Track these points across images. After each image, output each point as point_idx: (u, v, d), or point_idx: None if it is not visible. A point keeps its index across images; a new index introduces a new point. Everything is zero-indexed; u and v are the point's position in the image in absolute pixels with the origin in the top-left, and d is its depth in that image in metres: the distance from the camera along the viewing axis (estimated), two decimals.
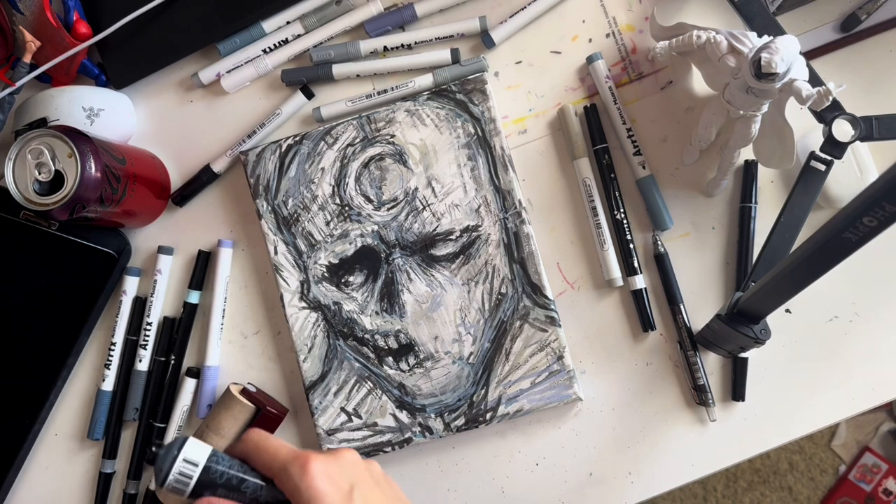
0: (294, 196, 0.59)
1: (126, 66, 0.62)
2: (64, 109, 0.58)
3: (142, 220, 0.61)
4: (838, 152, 0.51)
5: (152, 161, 0.61)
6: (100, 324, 0.61)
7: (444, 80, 0.59)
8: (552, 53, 0.60)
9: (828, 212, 0.56)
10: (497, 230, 0.57)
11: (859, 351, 0.56)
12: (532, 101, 0.60)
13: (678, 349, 0.57)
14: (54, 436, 0.61)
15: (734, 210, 0.57)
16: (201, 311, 0.61)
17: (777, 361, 0.56)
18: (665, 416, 0.57)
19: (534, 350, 0.56)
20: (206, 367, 0.59)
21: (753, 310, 0.47)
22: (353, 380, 0.57)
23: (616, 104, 0.58)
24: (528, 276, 0.57)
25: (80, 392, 0.61)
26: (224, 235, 0.61)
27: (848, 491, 1.35)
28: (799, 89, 0.45)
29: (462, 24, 0.59)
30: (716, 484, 1.38)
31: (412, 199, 0.58)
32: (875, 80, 0.57)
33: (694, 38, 0.49)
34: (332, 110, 0.60)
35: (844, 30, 0.57)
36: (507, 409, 0.56)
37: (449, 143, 0.58)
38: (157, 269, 0.60)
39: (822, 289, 0.47)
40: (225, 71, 0.61)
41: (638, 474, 0.57)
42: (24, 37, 0.58)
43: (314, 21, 0.61)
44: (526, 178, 0.59)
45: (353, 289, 0.58)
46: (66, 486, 0.61)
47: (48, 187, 0.52)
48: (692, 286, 0.57)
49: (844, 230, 0.35)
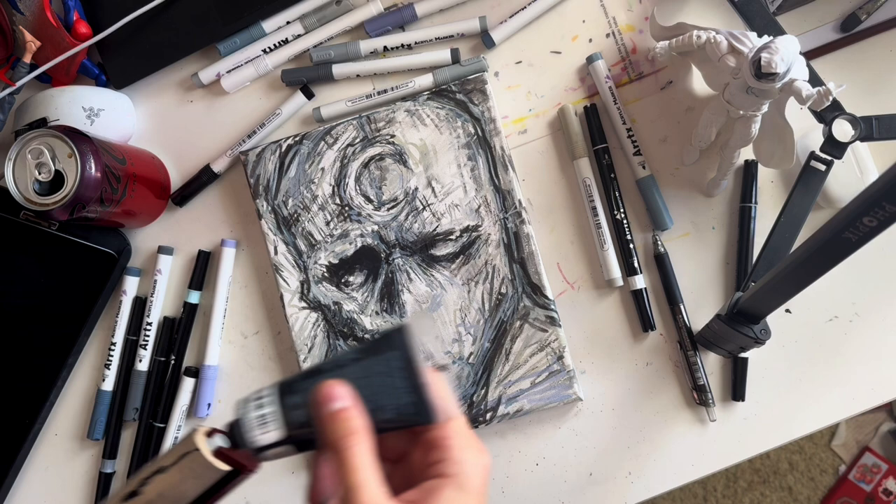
0: (294, 196, 0.59)
1: (126, 66, 0.62)
2: (64, 109, 0.58)
3: (142, 220, 0.61)
4: (838, 152, 0.51)
5: (152, 161, 0.61)
6: (100, 324, 0.61)
7: (444, 80, 0.59)
8: (552, 53, 0.60)
9: (828, 212, 0.56)
10: (497, 230, 0.57)
11: (859, 351, 0.56)
12: (532, 101, 0.60)
13: (678, 349, 0.57)
14: (54, 436, 0.61)
15: (734, 210, 0.57)
16: (201, 311, 0.61)
17: (777, 361, 0.56)
18: (665, 416, 0.57)
19: (534, 350, 0.56)
20: (205, 367, 0.59)
21: (753, 310, 0.47)
22: None
23: (616, 104, 0.58)
24: (528, 276, 0.57)
25: (80, 392, 0.61)
26: (224, 235, 0.61)
27: (848, 491, 1.35)
28: (799, 89, 0.45)
29: (462, 24, 0.59)
30: (716, 484, 1.38)
31: (412, 199, 0.58)
32: (875, 80, 0.57)
33: (694, 38, 0.49)
34: (332, 110, 0.60)
35: (844, 30, 0.57)
36: (507, 409, 0.56)
37: (449, 143, 0.58)
38: (157, 269, 0.60)
39: (822, 289, 0.47)
40: (225, 71, 0.61)
41: (638, 474, 0.57)
42: (24, 37, 0.58)
43: (314, 21, 0.61)
44: (526, 178, 0.59)
45: (353, 289, 0.58)
46: (66, 486, 0.61)
47: (48, 187, 0.52)
48: (692, 286, 0.57)
49: (844, 230, 0.35)
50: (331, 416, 0.32)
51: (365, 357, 0.34)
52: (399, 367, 0.33)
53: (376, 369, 0.33)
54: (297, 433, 0.33)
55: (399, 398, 0.33)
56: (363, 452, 0.32)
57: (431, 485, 0.32)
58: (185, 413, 0.59)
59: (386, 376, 0.33)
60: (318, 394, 0.32)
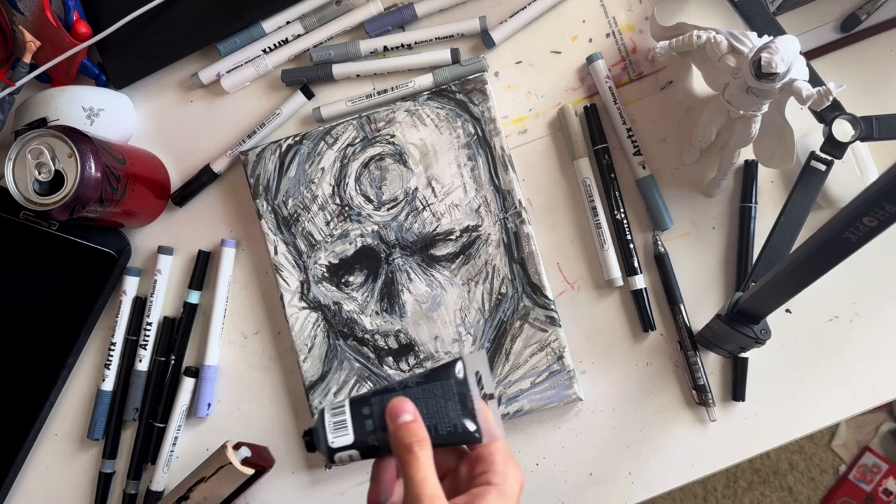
0: (294, 196, 0.59)
1: (126, 66, 0.62)
2: (64, 109, 0.58)
3: (142, 220, 0.61)
4: (838, 152, 0.51)
5: (152, 161, 0.61)
6: (100, 324, 0.61)
7: (444, 80, 0.59)
8: (552, 53, 0.60)
9: (828, 212, 0.56)
10: (497, 230, 0.57)
11: (859, 351, 0.56)
12: (532, 101, 0.60)
13: (678, 349, 0.57)
14: (54, 436, 0.61)
15: (734, 210, 0.57)
16: (201, 311, 0.61)
17: (777, 361, 0.56)
18: (665, 416, 0.57)
19: (534, 350, 0.56)
20: (205, 367, 0.59)
21: (753, 310, 0.47)
22: (353, 380, 0.57)
23: (616, 104, 0.58)
24: (528, 276, 0.57)
25: (80, 392, 0.61)
26: (224, 235, 0.61)
27: (848, 491, 1.35)
28: (799, 89, 0.45)
29: (462, 24, 0.59)
30: (716, 484, 1.38)
31: (412, 199, 0.58)
32: (875, 80, 0.57)
33: (694, 38, 0.49)
34: (332, 110, 0.60)
35: (844, 30, 0.57)
36: (507, 410, 0.56)
37: (449, 143, 0.58)
38: (157, 269, 0.60)
39: (822, 289, 0.47)
40: (225, 71, 0.61)
41: (638, 474, 0.57)
42: (24, 37, 0.58)
43: (314, 21, 0.61)
44: (526, 178, 0.59)
45: (353, 289, 0.58)
46: (66, 486, 0.61)
47: (48, 187, 0.52)
48: (692, 286, 0.57)
49: (844, 230, 0.35)
50: (402, 426, 0.38)
51: (427, 382, 0.40)
52: (456, 393, 0.40)
53: (437, 393, 0.40)
54: (365, 440, 0.39)
55: (454, 419, 0.39)
56: (427, 457, 0.37)
57: (478, 491, 0.38)
58: (185, 413, 0.59)
59: (444, 399, 0.39)
60: (392, 407, 0.39)
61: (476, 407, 0.39)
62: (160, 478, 0.59)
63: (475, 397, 0.39)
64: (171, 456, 0.59)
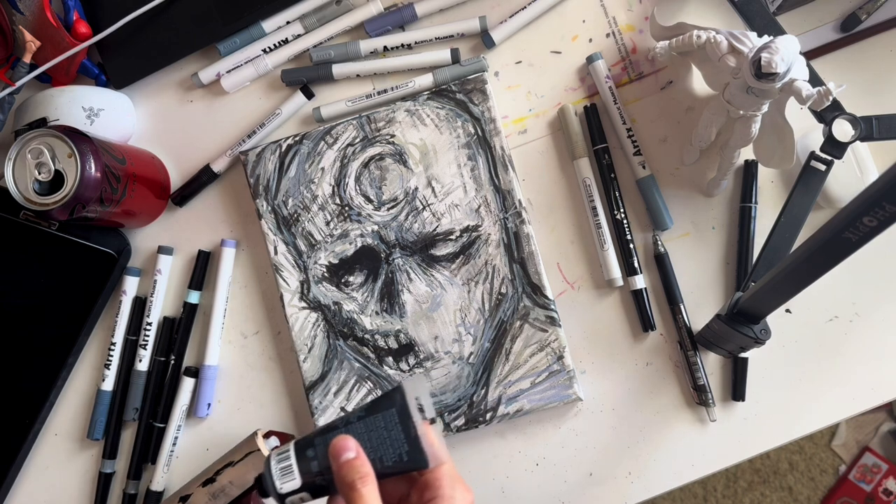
0: (294, 196, 0.59)
1: (126, 66, 0.62)
2: (64, 109, 0.58)
3: (142, 220, 0.61)
4: (838, 152, 0.51)
5: (152, 161, 0.61)
6: (100, 324, 0.61)
7: (444, 80, 0.59)
8: (552, 53, 0.60)
9: (828, 212, 0.56)
10: (497, 230, 0.57)
11: (859, 351, 0.56)
12: (532, 101, 0.60)
13: (678, 349, 0.57)
14: (54, 436, 0.61)
15: (734, 210, 0.57)
16: (201, 311, 0.61)
17: (777, 361, 0.56)
18: (665, 416, 0.57)
19: (534, 350, 0.56)
20: (205, 367, 0.59)
21: (753, 310, 0.47)
22: (353, 380, 0.57)
23: (616, 104, 0.58)
24: (528, 276, 0.57)
25: (80, 392, 0.61)
26: (224, 235, 0.61)
27: (848, 491, 1.35)
28: (799, 89, 0.45)
29: (462, 24, 0.59)
30: (716, 484, 1.38)
31: (412, 199, 0.58)
32: (875, 80, 0.57)
33: (694, 38, 0.49)
34: (332, 110, 0.60)
35: (844, 30, 0.57)
36: (507, 410, 0.56)
37: (449, 143, 0.58)
38: (157, 269, 0.60)
39: (822, 289, 0.47)
40: (225, 71, 0.61)
41: (638, 474, 0.57)
42: (24, 37, 0.58)
43: (314, 21, 0.61)
44: (526, 178, 0.59)
45: (353, 289, 0.58)
46: (66, 486, 0.61)
47: (48, 187, 0.52)
48: (692, 286, 0.57)
49: (844, 230, 0.35)
50: (344, 464, 0.39)
51: (368, 415, 0.40)
52: (398, 423, 0.40)
53: (379, 425, 0.40)
54: (312, 481, 0.40)
55: (399, 448, 0.40)
56: (371, 492, 0.38)
57: None
58: (185, 413, 0.59)
59: (387, 430, 0.40)
60: (334, 447, 0.39)
61: (420, 433, 0.40)
62: (160, 478, 0.59)
63: (417, 424, 0.40)
64: (171, 456, 0.59)
